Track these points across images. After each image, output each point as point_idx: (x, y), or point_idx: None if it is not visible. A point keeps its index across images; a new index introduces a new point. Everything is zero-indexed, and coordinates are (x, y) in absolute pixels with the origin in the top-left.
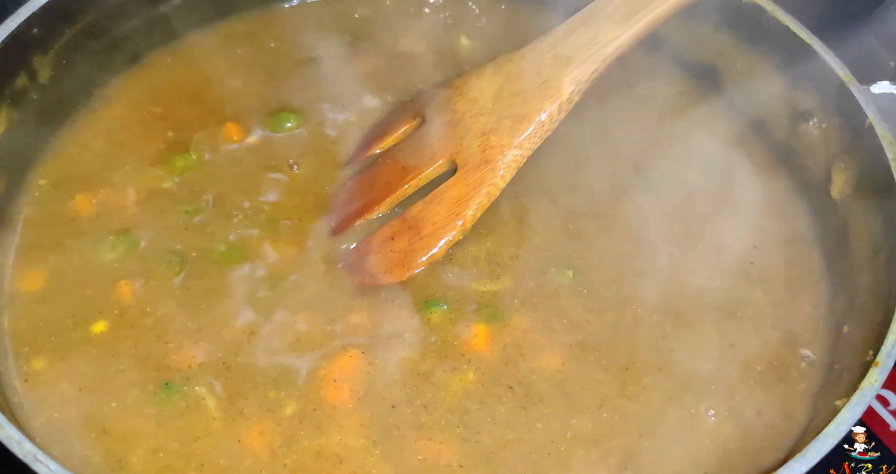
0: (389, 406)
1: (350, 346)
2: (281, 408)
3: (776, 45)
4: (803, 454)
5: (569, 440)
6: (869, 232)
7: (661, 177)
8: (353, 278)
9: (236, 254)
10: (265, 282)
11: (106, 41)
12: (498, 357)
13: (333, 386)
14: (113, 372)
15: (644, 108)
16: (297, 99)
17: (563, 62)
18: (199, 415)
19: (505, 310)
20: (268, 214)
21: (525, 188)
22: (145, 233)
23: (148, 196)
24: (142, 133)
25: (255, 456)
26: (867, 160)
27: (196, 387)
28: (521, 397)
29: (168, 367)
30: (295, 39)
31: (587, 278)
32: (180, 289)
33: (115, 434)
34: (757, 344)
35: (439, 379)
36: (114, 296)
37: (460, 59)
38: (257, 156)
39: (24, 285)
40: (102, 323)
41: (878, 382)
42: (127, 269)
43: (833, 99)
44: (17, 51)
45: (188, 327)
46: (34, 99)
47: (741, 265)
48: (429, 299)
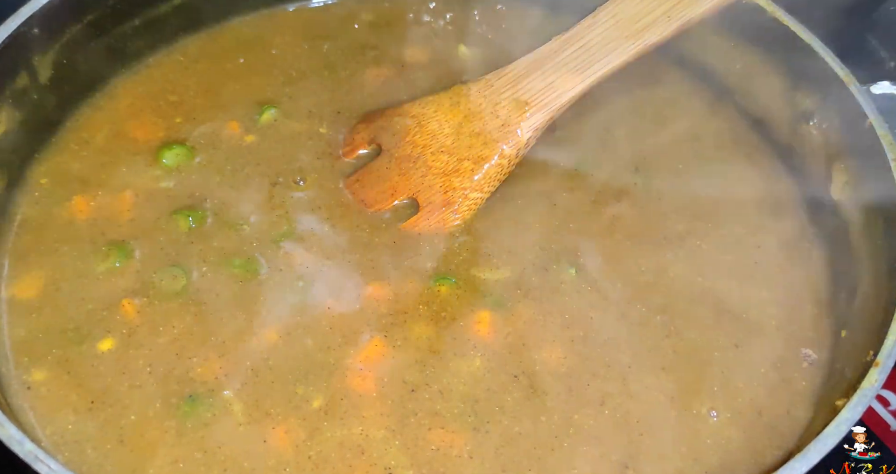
0: (409, 390)
1: (374, 332)
2: (308, 403)
3: (776, 45)
4: (804, 454)
5: (571, 436)
6: (869, 232)
7: (661, 177)
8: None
9: (244, 266)
10: (282, 287)
11: (107, 41)
12: (501, 345)
13: (359, 375)
14: (128, 387)
15: (644, 109)
16: (296, 101)
17: (520, 106)
18: (225, 422)
19: (508, 299)
20: (271, 221)
21: (525, 189)
22: (142, 243)
23: (146, 198)
24: (142, 133)
25: (280, 455)
26: (867, 160)
27: (224, 392)
28: (525, 387)
29: (192, 381)
30: (295, 43)
31: (590, 276)
32: (195, 304)
33: (132, 445)
34: (759, 344)
35: (451, 360)
36: (119, 315)
37: (459, 66)
38: (258, 159)
39: (19, 292)
40: (109, 341)
41: (878, 382)
42: (128, 285)
43: (833, 99)
44: (17, 50)
45: (211, 341)
46: (35, 98)
47: (745, 265)
48: (438, 273)
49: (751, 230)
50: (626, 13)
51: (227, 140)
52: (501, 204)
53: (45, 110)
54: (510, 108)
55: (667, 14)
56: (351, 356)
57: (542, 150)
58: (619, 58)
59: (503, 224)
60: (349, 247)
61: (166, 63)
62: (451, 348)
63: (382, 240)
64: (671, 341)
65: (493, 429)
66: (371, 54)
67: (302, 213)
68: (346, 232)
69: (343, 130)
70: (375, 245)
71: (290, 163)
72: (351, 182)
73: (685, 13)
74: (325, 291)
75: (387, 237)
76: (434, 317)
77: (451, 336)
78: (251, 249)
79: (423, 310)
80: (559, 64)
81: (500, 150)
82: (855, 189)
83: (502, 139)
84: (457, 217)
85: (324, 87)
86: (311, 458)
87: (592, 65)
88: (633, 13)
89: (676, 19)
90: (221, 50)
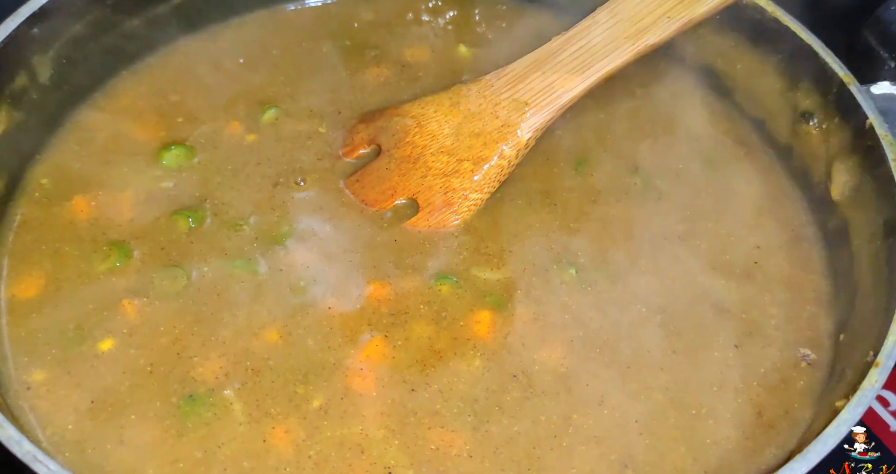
0: (409, 390)
1: (375, 331)
2: (308, 403)
3: (776, 45)
4: (804, 454)
5: (570, 435)
6: (869, 232)
7: (662, 177)
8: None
9: (244, 266)
10: (282, 287)
11: (107, 40)
12: (501, 344)
13: (360, 375)
14: (128, 387)
15: (644, 109)
16: (297, 101)
17: (520, 106)
18: (225, 422)
19: (508, 299)
20: (271, 221)
21: (525, 189)
22: (142, 244)
23: (147, 198)
24: (143, 133)
25: (280, 455)
26: (867, 161)
27: (224, 391)
28: (525, 386)
29: (193, 380)
30: (295, 43)
31: (591, 277)
32: (195, 304)
33: (132, 445)
34: (760, 344)
35: (450, 359)
36: (119, 315)
37: (459, 66)
38: (258, 158)
39: (19, 292)
40: (109, 341)
41: (878, 383)
42: (128, 285)
43: (833, 99)
44: (17, 50)
45: (212, 341)
46: (35, 98)
47: (745, 265)
48: (438, 273)
49: (750, 230)
50: (626, 13)
51: (227, 140)
52: (502, 204)
53: (45, 110)
54: (510, 109)
55: (667, 14)
56: (351, 356)
57: (543, 150)
58: (619, 58)
59: (504, 224)
60: (350, 247)
61: (167, 63)
62: (451, 348)
63: (383, 239)
64: (671, 341)
65: (492, 429)
66: (371, 54)
67: (302, 213)
68: (347, 231)
69: (343, 130)
70: (376, 244)
71: (291, 163)
72: (351, 182)
73: (685, 13)
74: (325, 291)
75: (387, 237)
76: (434, 317)
77: (452, 336)
78: (252, 249)
79: (423, 310)
80: (559, 64)
81: (500, 151)
82: (855, 189)
83: (502, 140)
84: (457, 217)
85: (324, 87)
86: (311, 458)
87: (593, 65)
88: (634, 13)
89: (676, 20)
90: (222, 50)
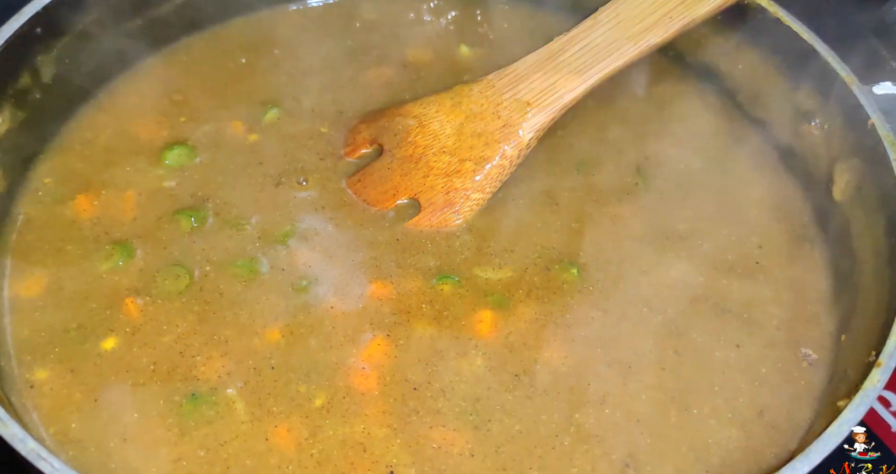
0: (411, 389)
1: (377, 330)
2: (310, 402)
3: (778, 45)
4: (805, 454)
5: (572, 434)
6: (871, 233)
7: (663, 177)
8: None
9: (246, 265)
10: (285, 286)
11: (109, 40)
12: (503, 344)
13: (362, 374)
14: (131, 385)
15: (645, 109)
16: (299, 101)
17: (522, 106)
18: (227, 420)
19: (510, 298)
20: (273, 221)
21: (527, 189)
22: (144, 243)
23: (149, 197)
24: (145, 132)
25: (282, 453)
26: (869, 161)
27: (227, 390)
28: (526, 386)
29: (195, 379)
30: (297, 43)
31: (592, 276)
32: (197, 303)
33: (136, 443)
34: (761, 344)
35: (452, 358)
36: (122, 313)
37: (461, 66)
38: (260, 158)
39: (22, 291)
40: (112, 339)
41: (880, 383)
42: (130, 284)
43: (835, 99)
44: (20, 50)
45: (214, 340)
46: (38, 98)
47: (746, 265)
48: (440, 272)
49: (752, 230)
50: (627, 14)
51: (230, 139)
52: (504, 203)
53: (48, 109)
54: (512, 109)
55: (668, 15)
56: (353, 355)
57: (544, 151)
58: (620, 58)
59: (505, 223)
60: (352, 247)
61: (169, 63)
62: (453, 347)
63: (385, 239)
64: (672, 341)
65: (494, 428)
66: (373, 54)
67: (304, 213)
68: (349, 231)
69: (345, 130)
70: (378, 244)
71: (293, 162)
72: (353, 182)
73: (687, 14)
74: (327, 290)
75: (389, 236)
76: (436, 316)
77: (453, 335)
78: (254, 249)
79: (425, 310)
80: (561, 64)
81: (502, 151)
82: (857, 189)
83: (504, 140)
84: (458, 217)
85: (326, 87)
86: (313, 456)
87: (594, 65)
88: (635, 14)
89: (678, 20)
90: (224, 50)
